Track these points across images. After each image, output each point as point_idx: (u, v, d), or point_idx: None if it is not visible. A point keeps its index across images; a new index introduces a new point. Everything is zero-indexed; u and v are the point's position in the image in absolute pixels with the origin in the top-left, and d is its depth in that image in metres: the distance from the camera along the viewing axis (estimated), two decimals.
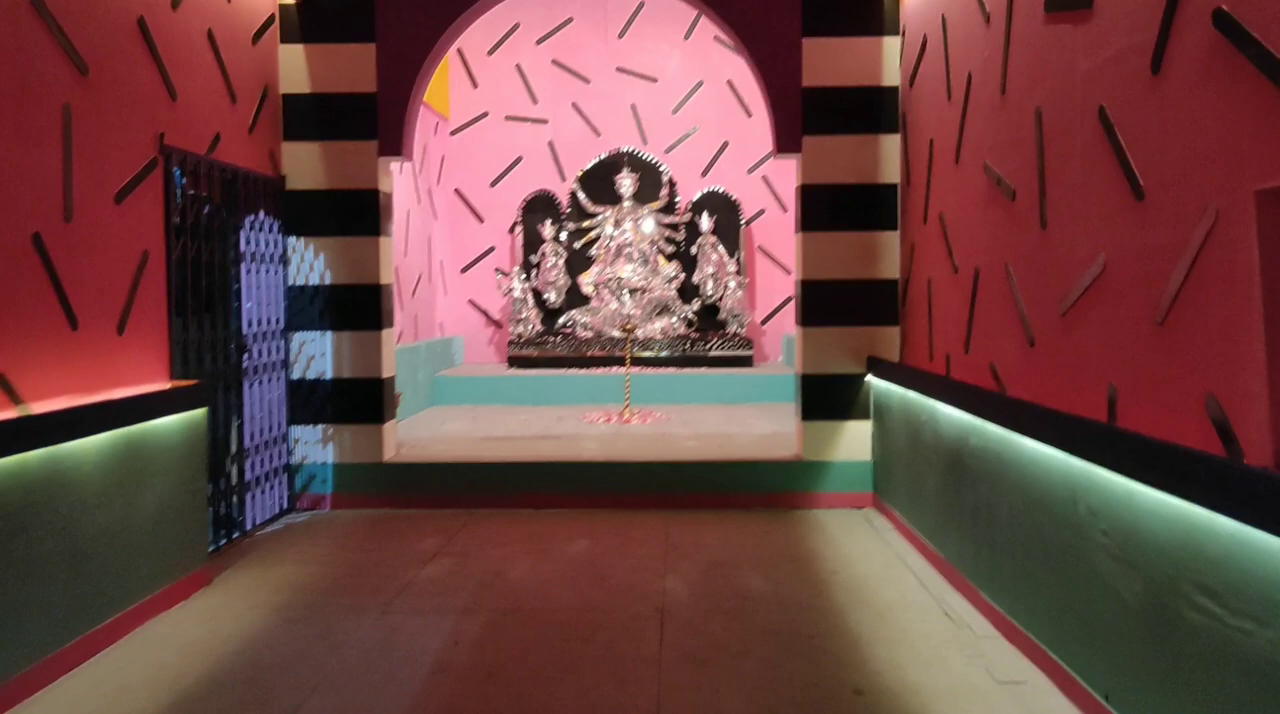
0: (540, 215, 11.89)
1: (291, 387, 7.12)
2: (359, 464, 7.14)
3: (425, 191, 11.38)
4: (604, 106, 12.21)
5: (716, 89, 12.16)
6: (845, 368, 7.01)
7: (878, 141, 6.92)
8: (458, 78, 12.25)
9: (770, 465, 7.12)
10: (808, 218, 7.00)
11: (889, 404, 6.60)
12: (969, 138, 5.32)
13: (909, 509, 6.11)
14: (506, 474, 7.17)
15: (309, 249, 7.10)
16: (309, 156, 7.06)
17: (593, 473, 7.15)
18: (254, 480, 6.58)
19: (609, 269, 11.76)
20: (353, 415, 7.14)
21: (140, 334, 5.12)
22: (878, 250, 6.95)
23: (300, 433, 7.14)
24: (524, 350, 11.46)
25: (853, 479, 7.04)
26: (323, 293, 7.10)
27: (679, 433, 8.58)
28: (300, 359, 7.13)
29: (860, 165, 6.94)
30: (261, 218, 6.72)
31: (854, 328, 6.99)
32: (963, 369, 5.40)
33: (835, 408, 7.05)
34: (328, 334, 7.13)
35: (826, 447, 7.05)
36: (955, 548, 5.14)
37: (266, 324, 6.77)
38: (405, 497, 7.13)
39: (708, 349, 11.34)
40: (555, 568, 5.63)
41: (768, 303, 12.27)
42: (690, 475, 7.12)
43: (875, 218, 6.95)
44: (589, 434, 8.55)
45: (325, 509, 7.14)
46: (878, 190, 6.94)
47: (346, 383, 7.13)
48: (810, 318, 7.02)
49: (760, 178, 12.19)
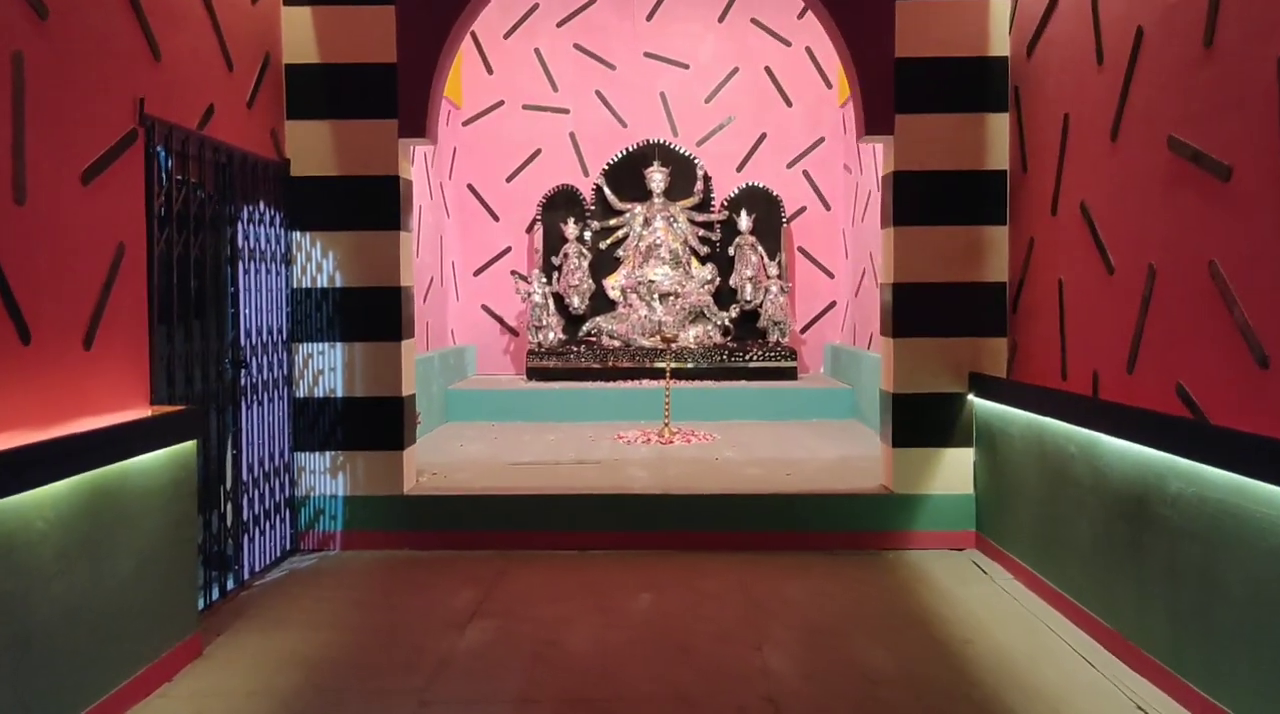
0: (561, 213, 10.88)
1: (296, 407, 6.09)
2: (374, 497, 6.11)
3: (437, 185, 10.37)
4: (631, 95, 11.22)
5: (753, 76, 11.19)
6: (943, 386, 6.02)
7: (983, 121, 5.93)
8: (471, 63, 11.24)
9: (855, 499, 6.11)
10: (900, 210, 6.00)
11: (1002, 429, 5.61)
12: (1139, 107, 4.33)
13: (1040, 558, 5.11)
14: (546, 509, 6.15)
15: (317, 246, 6.08)
16: (317, 138, 6.04)
17: (645, 507, 6.14)
18: (252, 518, 5.55)
19: (638, 272, 10.75)
20: (367, 440, 6.12)
21: (113, 348, 4.08)
22: (982, 248, 5.96)
23: (306, 461, 6.11)
24: (544, 361, 10.43)
25: (951, 515, 6.04)
26: (333, 297, 6.08)
27: (732, 457, 7.56)
28: (306, 375, 6.10)
29: (962, 149, 5.95)
30: (262, 208, 5.70)
31: (953, 339, 6.00)
32: (1125, 391, 4.40)
33: (931, 432, 6.05)
34: (338, 345, 6.10)
35: (920, 477, 6.04)
36: (1133, 618, 4.12)
37: (267, 334, 5.75)
38: (428, 535, 6.10)
39: (747, 360, 10.33)
40: (622, 635, 4.61)
41: (808, 309, 11.28)
42: (761, 511, 6.11)
43: (979, 210, 5.96)
44: (630, 458, 7.53)
45: (334, 550, 6.11)
46: (983, 178, 5.95)
47: (360, 402, 6.11)
48: (902, 327, 6.02)
49: (801, 172, 11.21)
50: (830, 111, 11.14)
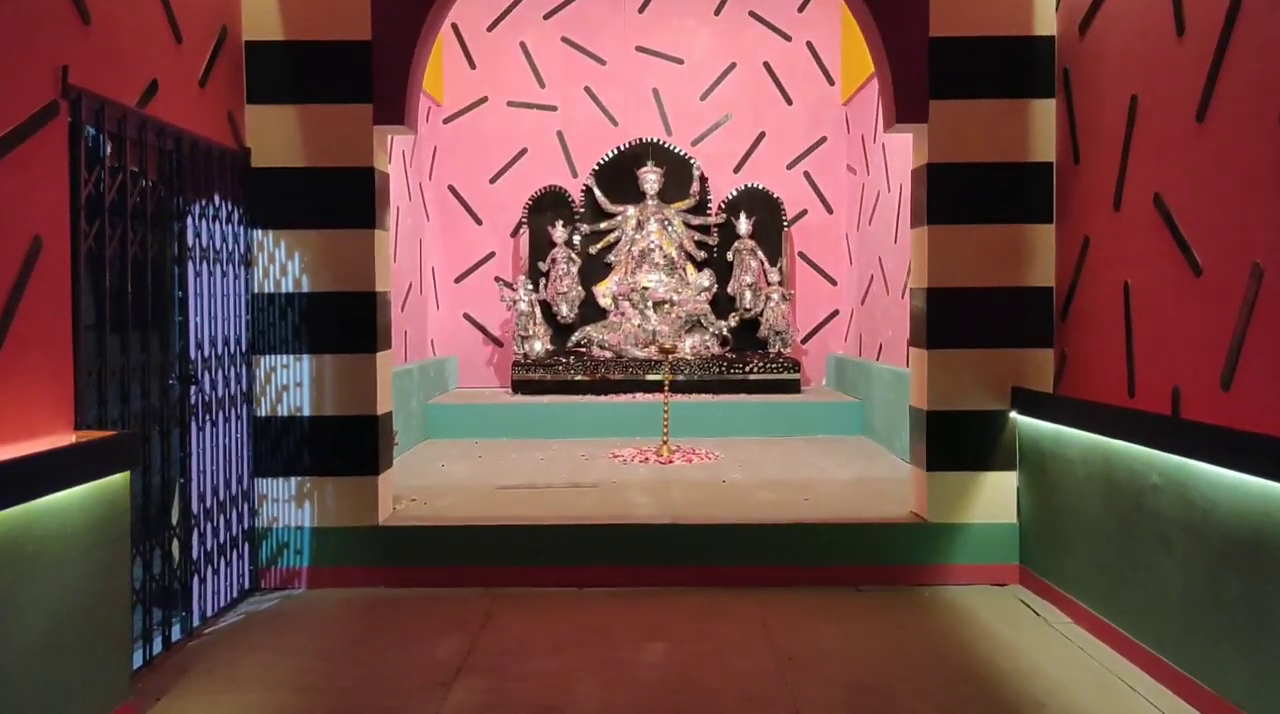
0: (549, 216, 10.23)
1: (257, 427, 5.40)
2: (346, 528, 5.43)
3: (416, 186, 9.69)
4: (622, 91, 10.59)
5: (751, 72, 10.58)
6: (982, 402, 5.40)
7: (1027, 108, 5.34)
8: (452, 57, 10.58)
9: (885, 529, 5.49)
10: (934, 207, 5.39)
11: (1054, 451, 5.00)
12: (1236, 81, 3.73)
13: (1108, 600, 4.48)
14: (539, 540, 5.48)
15: (281, 246, 5.40)
16: (282, 124, 5.37)
17: (651, 539, 5.49)
18: (204, 555, 4.86)
19: (630, 278, 10.10)
20: (338, 465, 5.44)
21: (27, 361, 3.39)
22: (1025, 249, 5.36)
23: (268, 488, 5.42)
24: (531, 373, 9.76)
25: (992, 547, 5.42)
26: (299, 303, 5.41)
27: (740, 479, 6.91)
28: (269, 391, 5.42)
29: (1003, 138, 5.35)
30: (217, 203, 5.02)
31: (993, 350, 5.39)
32: (1219, 411, 3.78)
33: (969, 454, 5.43)
34: (305, 358, 5.42)
35: (958, 504, 5.42)
36: (1247, 687, 3.50)
37: (223, 345, 5.06)
38: (406, 570, 5.42)
39: (747, 371, 9.69)
40: (634, 697, 3.95)
41: (809, 318, 10.66)
42: (780, 542, 5.47)
43: (1023, 207, 5.36)
44: (628, 480, 6.87)
45: (300, 588, 5.41)
46: (1026, 171, 5.35)
47: (330, 422, 5.43)
48: (937, 337, 5.41)
49: (801, 174, 10.60)
50: (832, 110, 10.56)
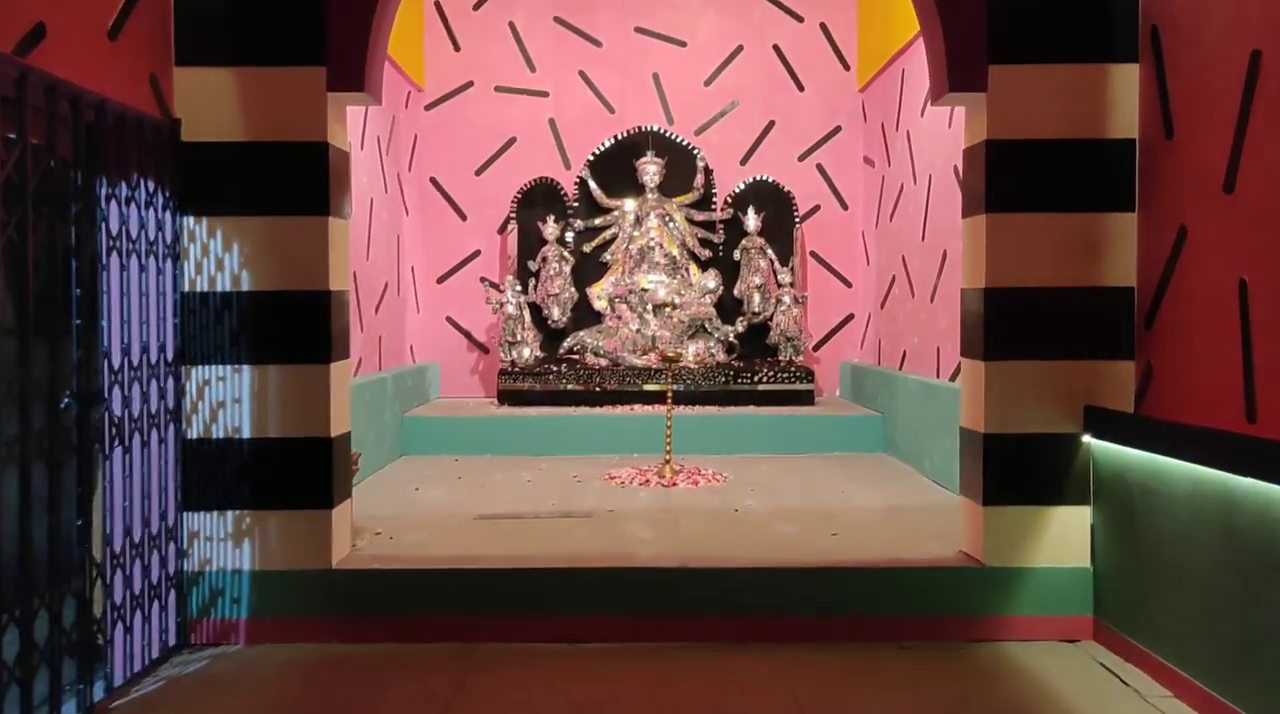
0: (540, 211, 9.36)
1: (186, 452, 4.53)
2: (292, 572, 4.56)
3: (393, 178, 8.83)
4: (619, 76, 9.74)
5: (760, 55, 9.75)
6: (1049, 423, 4.56)
7: (1104, 75, 4.50)
8: (435, 38, 9.72)
9: (933, 574, 4.64)
10: (996, 192, 4.55)
11: (1144, 484, 4.15)
12: None
13: (1225, 674, 3.63)
14: (523, 587, 4.62)
15: (217, 236, 4.53)
16: (217, 90, 4.51)
17: (656, 585, 4.64)
18: (120, 607, 4.00)
19: (628, 279, 9.25)
20: (284, 496, 4.57)
21: None
22: (1101, 242, 4.53)
23: (200, 525, 4.56)
24: (518, 382, 8.90)
25: (1061, 596, 4.58)
26: (238, 304, 4.55)
27: (755, 507, 6.06)
28: (201, 409, 4.55)
29: (1076, 110, 4.52)
30: (139, 184, 4.16)
31: (1063, 362, 4.55)
32: None
33: (1034, 485, 4.59)
34: (245, 369, 4.56)
35: (1020, 544, 4.58)
36: None
37: (143, 354, 4.20)
38: (365, 623, 4.56)
39: (755, 381, 8.84)
40: None
41: (821, 323, 9.82)
42: (809, 590, 4.62)
43: (1099, 192, 4.53)
44: (628, 508, 6.02)
45: (236, 643, 4.54)
46: (1104, 149, 4.52)
47: (275, 446, 4.56)
48: (996, 346, 4.56)
49: (814, 166, 9.77)
50: (848, 97, 9.72)
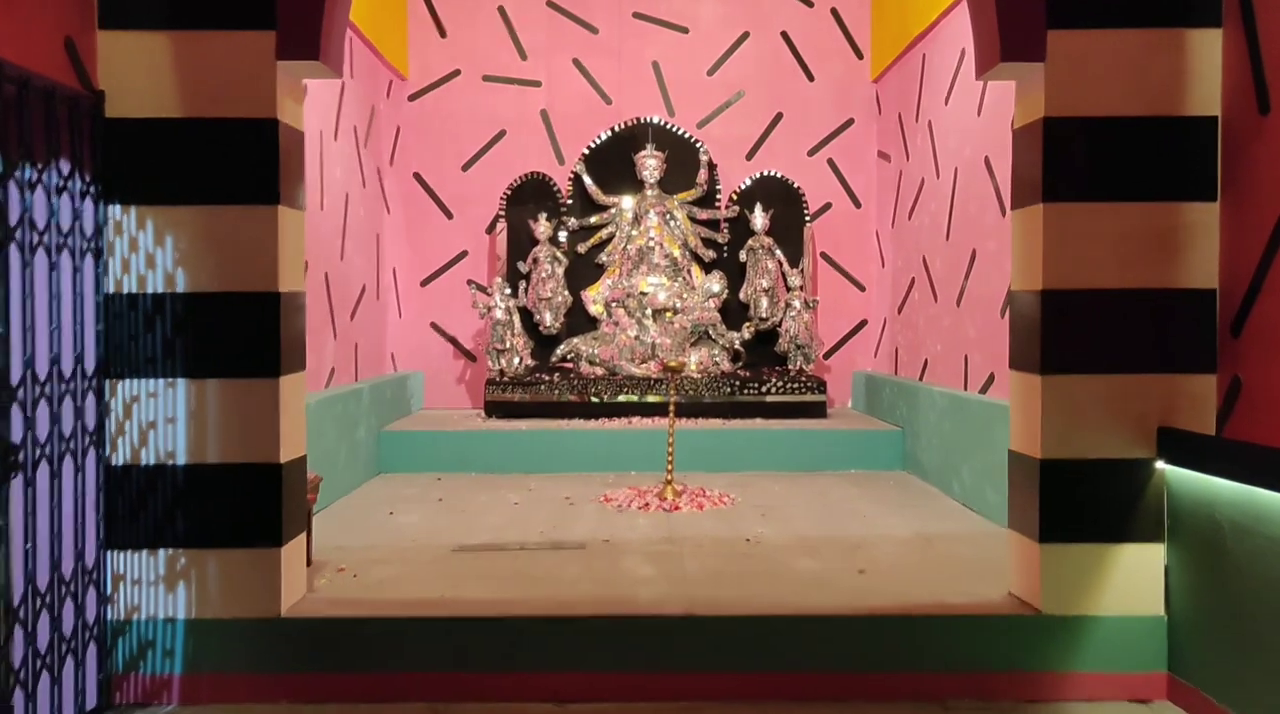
0: (531, 208, 8.73)
1: (110, 481, 3.88)
2: (235, 621, 3.91)
3: (373, 172, 8.19)
4: (616, 64, 9.11)
5: (767, 43, 9.14)
6: (1117, 447, 3.92)
7: (1182, 41, 3.87)
8: (419, 23, 9.09)
9: (981, 623, 3.99)
10: (1055, 178, 3.92)
11: (1233, 520, 3.52)
12: None
13: None
14: (504, 636, 3.97)
15: (148, 228, 3.89)
16: (148, 57, 3.87)
17: (658, 635, 4.00)
18: (29, 663, 3.34)
19: (626, 281, 8.62)
20: (226, 532, 3.93)
21: None
22: (1178, 236, 3.90)
23: (126, 566, 3.91)
24: (507, 393, 8.25)
25: (1131, 649, 3.93)
26: (173, 308, 3.90)
27: (768, 536, 5.42)
28: (129, 430, 3.90)
29: (1149, 83, 3.89)
30: (51, 166, 3.51)
31: (1132, 376, 3.91)
32: None
33: (1099, 520, 3.95)
34: (180, 384, 3.91)
35: (1082, 588, 3.93)
36: None
37: (55, 366, 3.54)
38: (319, 679, 3.92)
39: (763, 392, 8.21)
40: None
41: (832, 329, 9.19)
42: (838, 642, 3.97)
43: (1176, 177, 3.90)
44: (626, 537, 5.38)
45: (169, 704, 3.89)
46: (1182, 128, 3.89)
47: (216, 473, 3.92)
48: (1054, 358, 3.93)
49: (824, 161, 9.15)
50: (861, 87, 9.11)
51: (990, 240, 6.20)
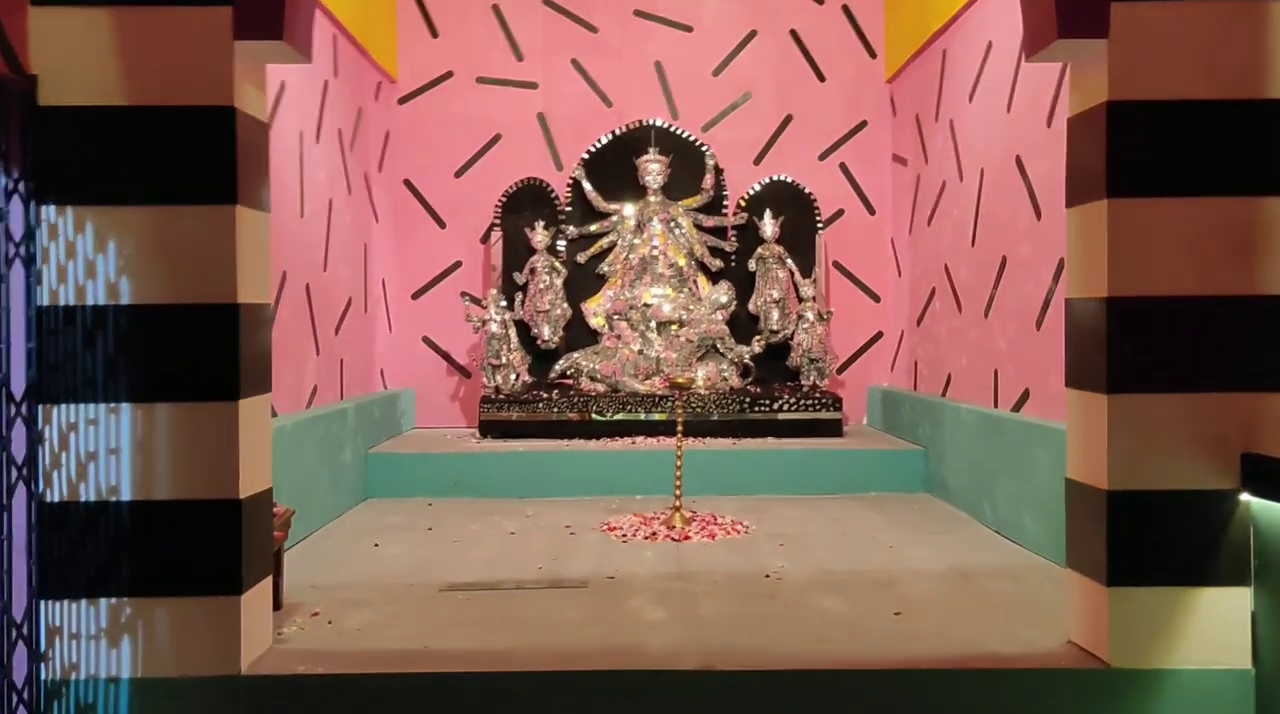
0: (528, 216, 8.27)
1: (44, 521, 3.40)
2: (189, 680, 3.43)
3: (360, 178, 7.74)
4: (617, 65, 8.69)
5: (775, 42, 8.71)
6: (1195, 477, 3.45)
7: (1264, 14, 3.42)
8: (410, 23, 8.66)
9: (1040, 678, 3.51)
10: (1119, 171, 3.45)
11: None
12: None
13: None
14: (494, 696, 3.49)
15: (87, 231, 3.43)
16: (87, 37, 3.42)
17: (670, 693, 3.51)
18: None
19: (628, 293, 8.17)
20: (177, 578, 3.45)
21: None
22: (1261, 236, 3.43)
23: (62, 617, 3.42)
24: (503, 412, 7.78)
25: (1215, 706, 3.44)
26: (116, 322, 3.44)
27: (789, 570, 4.93)
28: (65, 462, 3.42)
29: (1227, 62, 3.44)
30: None
31: (1211, 395, 3.45)
32: None
33: (1175, 560, 3.47)
34: (125, 409, 3.44)
35: (1158, 638, 3.45)
36: None
37: None
38: None
39: (775, 409, 7.73)
40: None
41: (846, 343, 8.73)
42: (872, 697, 3.50)
43: (1258, 170, 3.44)
44: (631, 573, 4.89)
45: None
46: (1266, 113, 3.43)
47: (166, 511, 3.44)
48: (1124, 376, 3.45)
49: (836, 166, 8.71)
50: (875, 88, 8.67)
51: (1024, 245, 5.73)
